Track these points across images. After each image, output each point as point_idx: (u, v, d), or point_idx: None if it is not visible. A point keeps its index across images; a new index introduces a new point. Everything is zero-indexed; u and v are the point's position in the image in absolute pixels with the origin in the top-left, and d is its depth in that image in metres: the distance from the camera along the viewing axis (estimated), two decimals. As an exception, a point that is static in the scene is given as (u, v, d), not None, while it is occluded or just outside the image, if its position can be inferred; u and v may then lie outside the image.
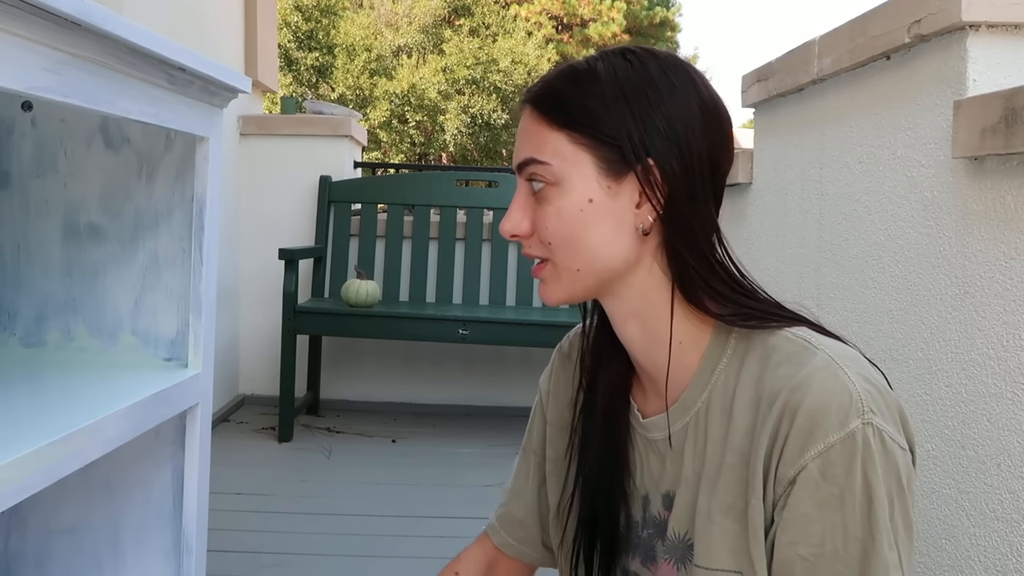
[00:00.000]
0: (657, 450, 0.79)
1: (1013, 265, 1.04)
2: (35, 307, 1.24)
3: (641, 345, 0.78)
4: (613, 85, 0.73)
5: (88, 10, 0.78)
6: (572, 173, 0.73)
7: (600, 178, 0.72)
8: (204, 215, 1.16)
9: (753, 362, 0.72)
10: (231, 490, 2.52)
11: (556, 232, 0.74)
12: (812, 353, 0.70)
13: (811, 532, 0.66)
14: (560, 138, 0.73)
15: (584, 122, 0.73)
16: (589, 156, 0.73)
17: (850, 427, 0.65)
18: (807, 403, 0.67)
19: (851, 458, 0.65)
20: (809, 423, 0.66)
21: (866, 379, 0.69)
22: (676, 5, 19.31)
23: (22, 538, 1.21)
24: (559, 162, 0.73)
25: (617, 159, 0.72)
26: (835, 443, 0.65)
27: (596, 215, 0.73)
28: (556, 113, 0.74)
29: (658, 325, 0.76)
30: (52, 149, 1.23)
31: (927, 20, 1.21)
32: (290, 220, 3.64)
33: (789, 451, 0.67)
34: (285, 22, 14.25)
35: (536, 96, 0.76)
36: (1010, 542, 1.03)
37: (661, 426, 0.78)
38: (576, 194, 0.73)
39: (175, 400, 1.09)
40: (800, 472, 0.66)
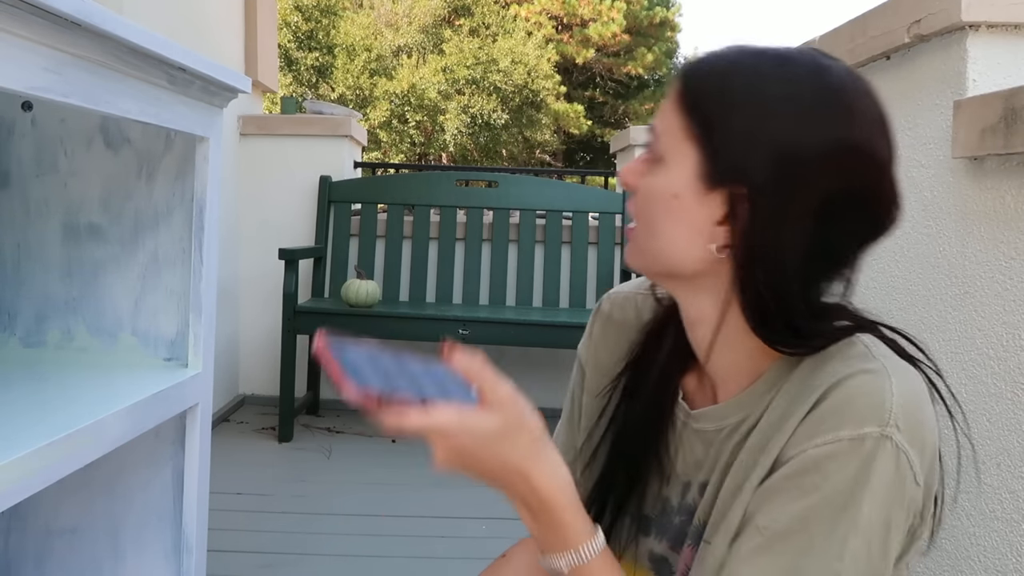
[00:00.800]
0: (705, 440, 0.77)
1: (1013, 265, 1.04)
2: (35, 307, 1.24)
3: (706, 351, 0.76)
4: (755, 94, 0.67)
5: (88, 10, 0.78)
6: (674, 160, 0.70)
7: (695, 179, 0.68)
8: (204, 215, 1.16)
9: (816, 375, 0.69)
10: (231, 490, 2.52)
11: (642, 207, 0.73)
12: (869, 359, 0.67)
13: (776, 508, 0.65)
14: (680, 121, 0.70)
15: (706, 118, 0.68)
16: (696, 153, 0.69)
17: (864, 431, 0.63)
18: (837, 395, 0.65)
19: (850, 461, 0.63)
20: (828, 413, 0.64)
21: (911, 400, 0.65)
22: (676, 5, 19.31)
23: (22, 538, 1.21)
24: (667, 140, 0.70)
25: (716, 170, 0.68)
26: (843, 439, 0.63)
27: (677, 212, 0.70)
28: (688, 95, 0.70)
29: (725, 341, 0.74)
30: (52, 149, 1.23)
31: (927, 20, 1.21)
32: (290, 220, 3.64)
33: (801, 433, 0.66)
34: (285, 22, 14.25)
35: (687, 73, 0.71)
36: (1010, 542, 1.03)
37: (712, 418, 0.76)
38: (669, 182, 0.70)
39: (175, 400, 1.09)
40: (799, 454, 0.65)
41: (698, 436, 0.78)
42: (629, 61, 18.17)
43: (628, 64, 18.15)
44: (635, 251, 0.75)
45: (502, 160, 16.46)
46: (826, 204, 0.66)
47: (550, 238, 3.51)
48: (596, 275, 3.51)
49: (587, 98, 18.43)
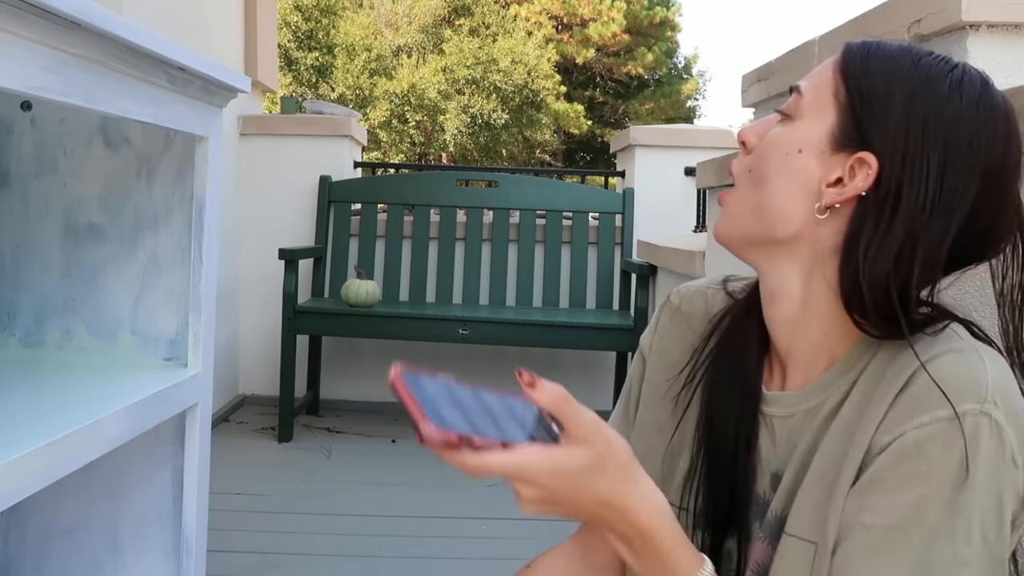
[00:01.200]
0: (770, 426, 0.75)
1: (1013, 265, 1.04)
2: (35, 307, 1.24)
3: (784, 329, 0.74)
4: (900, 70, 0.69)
5: (88, 10, 0.78)
6: (811, 115, 0.71)
7: (824, 141, 0.70)
8: (204, 215, 1.16)
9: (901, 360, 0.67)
10: (231, 490, 2.52)
11: (757, 161, 0.73)
12: (955, 340, 0.66)
13: (883, 502, 0.62)
14: (833, 82, 0.71)
15: (851, 76, 0.70)
16: (835, 113, 0.70)
17: (963, 408, 0.61)
18: (924, 375, 0.63)
19: (954, 440, 0.60)
20: (922, 392, 0.62)
21: (1005, 379, 0.64)
22: (676, 5, 19.31)
23: (22, 538, 1.21)
24: (811, 98, 0.71)
25: (849, 135, 0.69)
26: (942, 419, 0.61)
27: (795, 165, 0.70)
28: (850, 61, 0.71)
29: (804, 313, 0.72)
30: (52, 149, 1.23)
31: (927, 20, 1.21)
32: (290, 220, 3.64)
33: (892, 417, 0.63)
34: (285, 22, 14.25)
35: (853, 46, 0.73)
36: (1010, 542, 1.02)
37: (785, 403, 0.74)
38: (797, 134, 0.71)
39: (175, 400, 1.09)
40: (896, 439, 0.62)
41: (766, 422, 0.75)
42: (629, 61, 18.17)
43: (628, 64, 18.15)
44: (729, 215, 0.74)
45: (502, 160, 16.46)
46: (950, 204, 0.66)
47: (550, 238, 3.51)
48: (596, 275, 3.50)
49: (587, 98, 18.43)
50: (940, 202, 0.66)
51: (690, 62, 20.55)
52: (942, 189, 0.66)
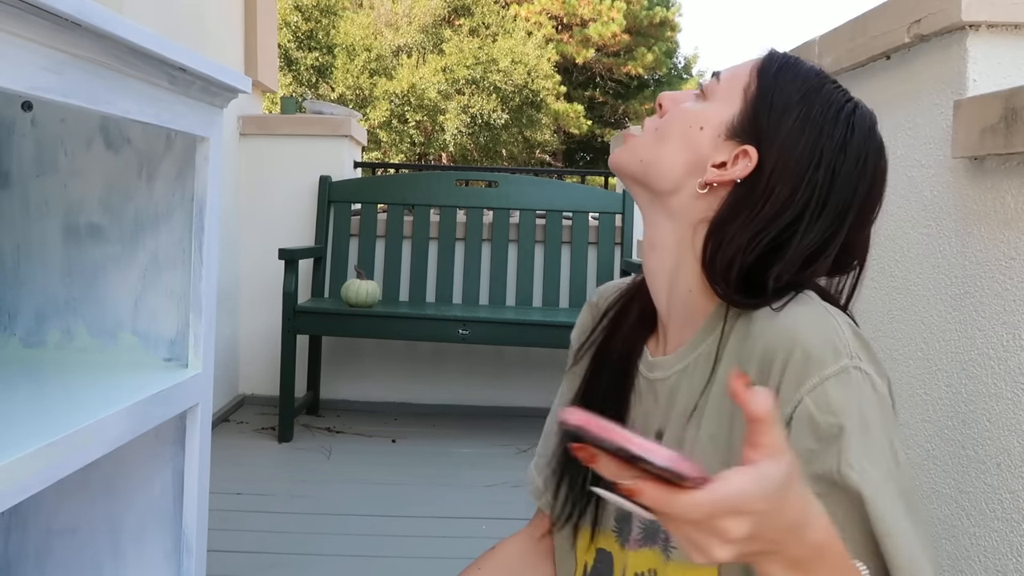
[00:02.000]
0: (654, 390, 0.82)
1: (1013, 265, 1.04)
2: (35, 307, 1.24)
3: (659, 281, 0.82)
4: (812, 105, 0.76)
5: (88, 10, 0.78)
6: (719, 103, 0.79)
7: (723, 126, 0.78)
8: (204, 215, 1.16)
9: (757, 313, 0.75)
10: (231, 490, 2.52)
11: (670, 118, 0.80)
12: (803, 302, 0.73)
13: (814, 466, 0.66)
14: (745, 79, 0.79)
15: (766, 88, 0.77)
16: (739, 107, 0.78)
17: (842, 363, 0.68)
18: (800, 342, 0.69)
19: (846, 390, 0.67)
20: (803, 360, 0.68)
21: (854, 333, 0.71)
22: (676, 5, 19.31)
23: (22, 538, 1.21)
24: (725, 86, 0.79)
25: (744, 128, 0.77)
26: (829, 376, 0.67)
27: (693, 138, 0.78)
28: (767, 62, 0.80)
29: (675, 266, 0.80)
30: (52, 149, 1.23)
31: (927, 20, 1.21)
32: (290, 220, 3.64)
33: (785, 388, 0.68)
34: (285, 22, 14.25)
35: (774, 55, 0.81)
36: (1010, 542, 1.03)
37: (663, 367, 0.82)
38: (704, 114, 0.79)
39: (175, 400, 1.09)
40: (796, 407, 0.68)
41: (650, 387, 0.83)
42: (629, 61, 18.17)
43: (628, 64, 18.15)
44: (627, 151, 0.82)
45: (502, 160, 16.45)
46: (817, 216, 0.75)
47: (550, 238, 3.51)
48: (596, 275, 3.50)
49: (587, 98, 18.43)
50: (810, 212, 0.74)
51: (690, 62, 20.56)
52: (817, 203, 0.75)
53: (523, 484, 1.00)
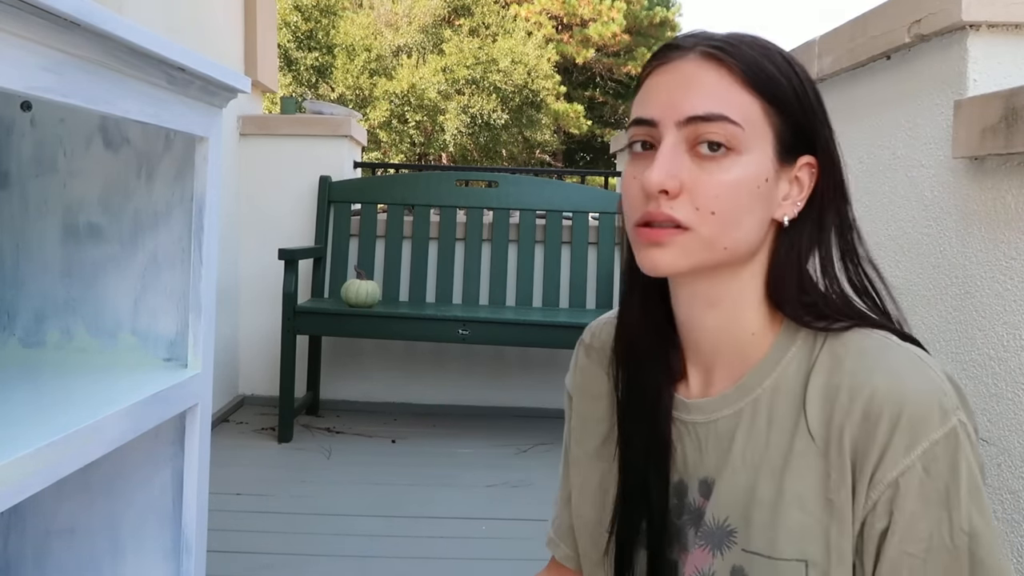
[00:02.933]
0: (695, 435, 0.77)
1: (1013, 265, 1.04)
2: (35, 307, 1.24)
3: (715, 335, 0.75)
4: (803, 75, 0.72)
5: (88, 10, 0.78)
6: (758, 146, 0.69)
7: (775, 157, 0.70)
8: (204, 215, 1.16)
9: (827, 353, 0.71)
10: (231, 490, 2.52)
11: (724, 202, 0.68)
12: (893, 351, 0.69)
13: (918, 529, 0.66)
14: (754, 104, 0.69)
15: (783, 98, 0.70)
16: (771, 132, 0.70)
17: (951, 424, 0.66)
18: (908, 404, 0.66)
19: (954, 454, 0.66)
20: (912, 423, 0.66)
21: (948, 377, 0.69)
22: (676, 5, 19.31)
23: (22, 538, 1.21)
24: (750, 129, 0.69)
25: (794, 144, 0.71)
26: (939, 440, 0.66)
27: (763, 197, 0.70)
28: (757, 76, 0.69)
29: (741, 316, 0.74)
30: (52, 149, 1.23)
31: (927, 20, 1.21)
32: (290, 220, 3.64)
33: (892, 452, 0.66)
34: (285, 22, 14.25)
35: (721, 49, 0.70)
36: (1011, 542, 1.02)
37: (706, 410, 0.76)
38: (757, 168, 0.69)
39: (175, 400, 1.09)
40: (905, 472, 0.66)
41: (687, 430, 0.77)
42: (629, 61, 18.16)
43: (628, 64, 18.15)
44: (680, 254, 0.70)
45: (502, 160, 16.45)
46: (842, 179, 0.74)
47: (550, 238, 3.51)
48: (596, 275, 3.50)
49: (587, 98, 18.42)
50: (842, 180, 0.74)
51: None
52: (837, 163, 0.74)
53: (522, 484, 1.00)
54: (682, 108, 0.69)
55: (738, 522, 0.72)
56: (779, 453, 0.71)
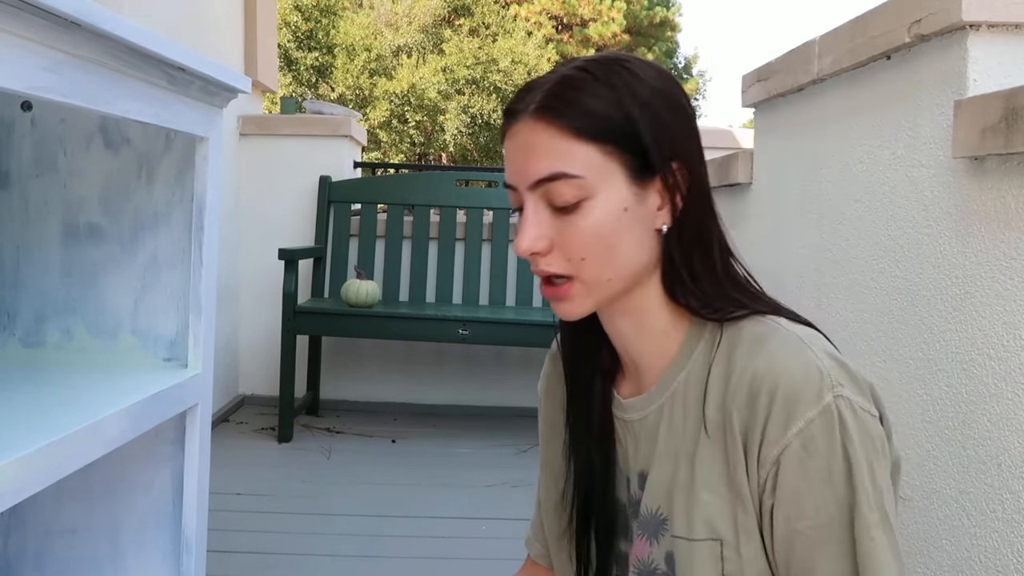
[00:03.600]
0: (632, 431, 0.82)
1: (1013, 265, 1.04)
2: (35, 307, 1.24)
3: (631, 338, 0.80)
4: (632, 94, 0.72)
5: (88, 10, 0.78)
6: (606, 184, 0.72)
7: (630, 184, 0.73)
8: (204, 215, 1.16)
9: (725, 344, 0.75)
10: (231, 490, 2.52)
11: (590, 246, 0.72)
12: (778, 335, 0.73)
13: (805, 506, 0.69)
14: (589, 150, 0.71)
15: (614, 135, 0.71)
16: (619, 165, 0.72)
17: (824, 401, 0.69)
18: (782, 384, 0.69)
19: (830, 431, 0.68)
20: (787, 403, 0.69)
21: (831, 356, 0.72)
22: (676, 5, 19.31)
23: (22, 538, 1.21)
24: (592, 174, 0.71)
25: (645, 165, 0.73)
26: (814, 418, 0.69)
27: (630, 222, 0.73)
28: (581, 122, 0.71)
29: (649, 318, 0.79)
30: (52, 149, 1.23)
31: (927, 20, 1.21)
32: (290, 220, 3.64)
33: (771, 431, 0.70)
34: (285, 22, 14.24)
35: (547, 107, 0.72)
36: (1011, 542, 1.02)
37: (638, 407, 0.81)
38: (612, 204, 0.72)
39: (175, 400, 1.09)
40: (784, 450, 0.69)
41: (627, 429, 0.82)
42: (629, 61, 18.13)
43: (628, 64, 18.12)
44: (582, 300, 0.75)
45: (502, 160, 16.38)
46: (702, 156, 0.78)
47: (550, 238, 3.51)
48: (596, 275, 3.50)
49: (587, 98, 18.39)
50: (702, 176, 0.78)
51: (690, 62, 20.55)
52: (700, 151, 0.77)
53: (522, 484, 1.00)
54: (527, 174, 0.73)
55: (667, 509, 0.76)
56: (691, 440, 0.76)
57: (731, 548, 0.72)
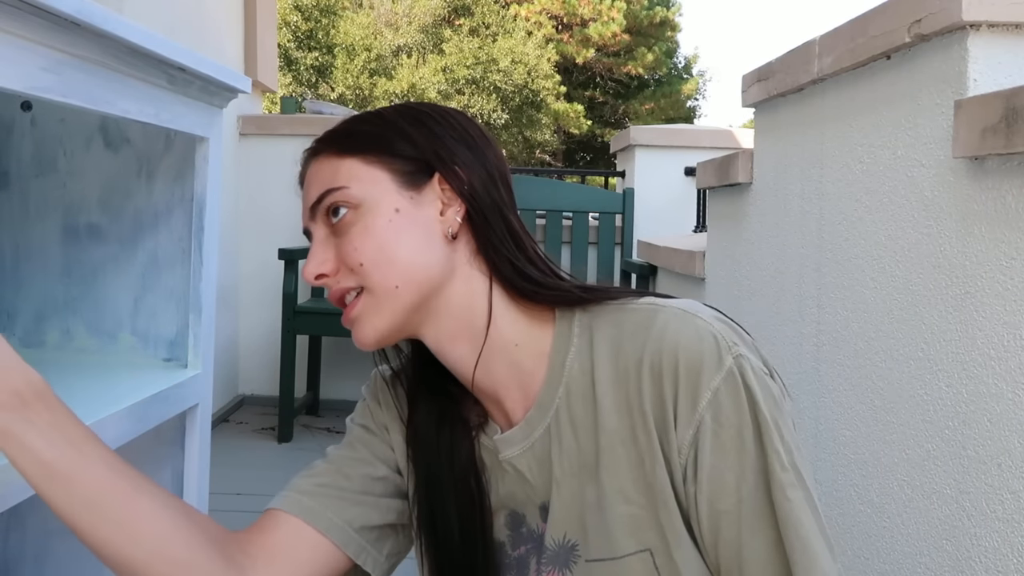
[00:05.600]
0: (514, 469, 0.77)
1: (1014, 265, 1.04)
2: (35, 307, 1.24)
3: (472, 362, 0.76)
4: (396, 113, 0.77)
5: (88, 10, 0.78)
6: (372, 191, 0.73)
7: (401, 190, 0.74)
8: (204, 215, 1.16)
9: (603, 341, 0.73)
10: (231, 490, 2.52)
11: (366, 249, 0.72)
12: (660, 312, 0.71)
13: (725, 483, 0.68)
14: (352, 163, 0.74)
15: (375, 144, 0.75)
16: (385, 172, 0.74)
17: (726, 366, 0.68)
18: (681, 358, 0.68)
19: (736, 395, 0.67)
20: (690, 375, 0.68)
21: (718, 319, 0.71)
22: (676, 5, 19.31)
23: (22, 538, 1.21)
24: (356, 183, 0.74)
25: (414, 170, 0.74)
26: (719, 386, 0.67)
27: (404, 224, 0.73)
28: (343, 143, 0.76)
29: (492, 338, 0.75)
30: (52, 149, 1.23)
31: (927, 20, 1.21)
32: (290, 220, 3.64)
33: (682, 410, 0.68)
34: (285, 22, 14.24)
35: (319, 142, 0.78)
36: (1011, 542, 1.02)
37: (515, 440, 0.76)
38: (381, 207, 0.73)
39: (175, 400, 1.09)
40: (698, 428, 0.68)
41: (508, 467, 0.77)
42: (629, 61, 18.16)
43: (628, 64, 18.14)
44: (373, 315, 0.73)
45: (502, 160, 16.42)
46: (498, 163, 0.78)
47: (550, 238, 3.51)
48: (596, 275, 3.50)
49: (587, 98, 18.42)
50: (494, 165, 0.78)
51: (690, 62, 20.55)
52: (487, 154, 0.78)
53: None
54: (306, 205, 0.77)
55: (576, 534, 0.73)
56: (590, 454, 0.72)
57: (663, 555, 0.69)
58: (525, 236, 0.78)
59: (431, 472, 0.80)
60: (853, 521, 1.39)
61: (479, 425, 0.80)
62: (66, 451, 0.66)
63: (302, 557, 0.78)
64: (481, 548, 0.79)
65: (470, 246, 0.76)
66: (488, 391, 0.77)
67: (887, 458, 1.30)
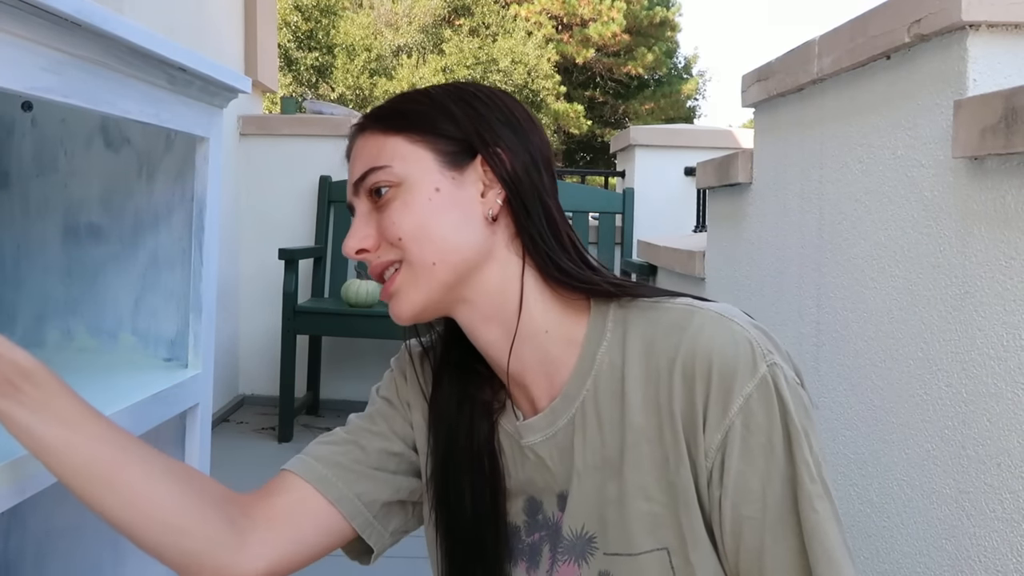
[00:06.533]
0: (535, 455, 0.77)
1: (1013, 265, 1.04)
2: (35, 307, 1.24)
3: (504, 347, 0.76)
4: (444, 93, 0.77)
5: (88, 10, 0.78)
6: (414, 169, 0.74)
7: (443, 170, 0.74)
8: (204, 215, 1.16)
9: (636, 338, 0.72)
10: (231, 490, 2.52)
11: (405, 224, 0.73)
12: (696, 314, 0.71)
13: (751, 488, 0.68)
14: (397, 141, 0.75)
15: (419, 123, 0.75)
16: (428, 151, 0.74)
17: (760, 373, 0.68)
18: (715, 362, 0.68)
19: (768, 403, 0.67)
20: (723, 380, 0.68)
21: (754, 325, 0.71)
22: (676, 5, 19.30)
23: (22, 538, 1.21)
24: (399, 162, 0.74)
25: (457, 150, 0.75)
26: (751, 392, 0.67)
27: (444, 204, 0.74)
28: (389, 121, 0.76)
29: (524, 322, 0.75)
30: (52, 149, 1.23)
31: (927, 20, 1.21)
32: (290, 220, 3.64)
33: (712, 414, 0.68)
34: (285, 22, 14.24)
35: (366, 117, 0.78)
36: (1011, 542, 1.02)
37: (539, 428, 0.76)
38: (422, 185, 0.74)
39: (175, 400, 1.09)
40: (727, 433, 0.68)
41: (529, 452, 0.77)
42: (629, 61, 18.15)
43: (628, 64, 18.14)
44: (411, 289, 0.74)
45: (502, 160, 16.42)
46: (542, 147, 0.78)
47: (550, 238, 3.51)
48: (596, 275, 3.51)
49: (587, 98, 18.42)
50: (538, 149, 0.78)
51: (690, 62, 20.55)
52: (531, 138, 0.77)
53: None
54: (351, 180, 0.77)
55: (595, 527, 0.73)
56: (614, 449, 0.72)
57: (679, 555, 0.69)
58: (563, 224, 0.78)
59: (448, 448, 0.81)
60: (853, 521, 1.39)
61: (500, 409, 0.81)
62: (55, 428, 0.70)
63: (305, 523, 0.79)
64: (492, 528, 0.79)
65: (509, 229, 0.76)
66: (516, 376, 0.77)
67: (887, 458, 1.30)
